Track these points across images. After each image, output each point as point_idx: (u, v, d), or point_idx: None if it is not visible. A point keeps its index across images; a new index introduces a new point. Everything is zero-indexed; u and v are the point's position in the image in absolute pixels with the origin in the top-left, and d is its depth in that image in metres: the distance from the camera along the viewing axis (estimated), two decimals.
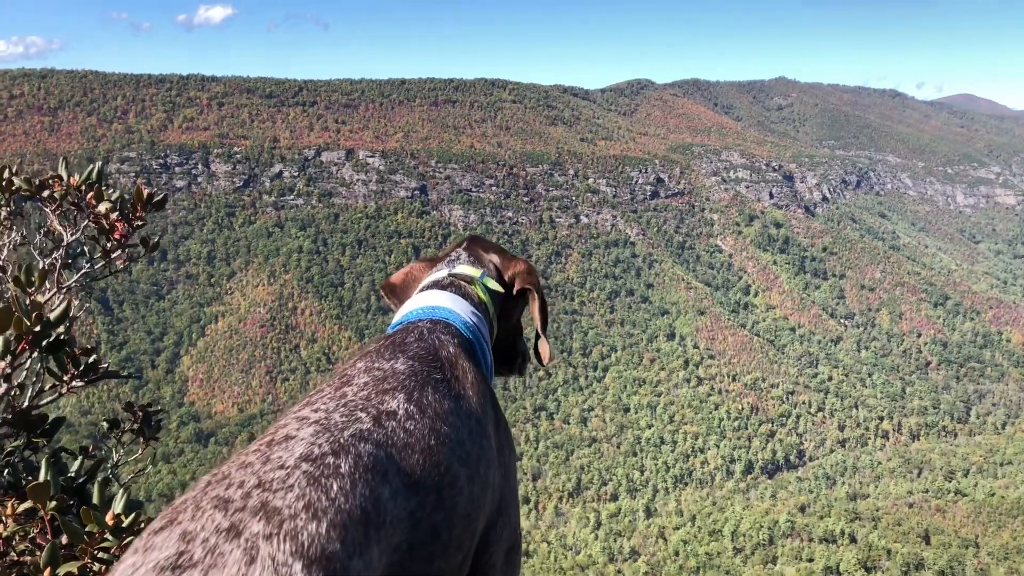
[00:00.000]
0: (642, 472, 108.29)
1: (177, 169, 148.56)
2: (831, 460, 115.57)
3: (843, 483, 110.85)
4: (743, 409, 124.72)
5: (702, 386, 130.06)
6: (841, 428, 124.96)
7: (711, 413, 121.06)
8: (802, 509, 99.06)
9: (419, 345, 1.61)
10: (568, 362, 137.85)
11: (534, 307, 2.01)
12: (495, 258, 2.09)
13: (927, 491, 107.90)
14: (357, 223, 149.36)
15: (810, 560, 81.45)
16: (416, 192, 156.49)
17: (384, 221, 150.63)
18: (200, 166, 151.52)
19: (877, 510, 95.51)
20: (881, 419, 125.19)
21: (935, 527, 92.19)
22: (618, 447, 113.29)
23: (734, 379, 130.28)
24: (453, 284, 1.94)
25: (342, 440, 1.19)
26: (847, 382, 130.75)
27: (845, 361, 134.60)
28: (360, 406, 1.33)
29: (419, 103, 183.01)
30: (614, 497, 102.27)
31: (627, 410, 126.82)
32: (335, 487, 1.08)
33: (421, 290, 1.94)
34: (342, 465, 1.13)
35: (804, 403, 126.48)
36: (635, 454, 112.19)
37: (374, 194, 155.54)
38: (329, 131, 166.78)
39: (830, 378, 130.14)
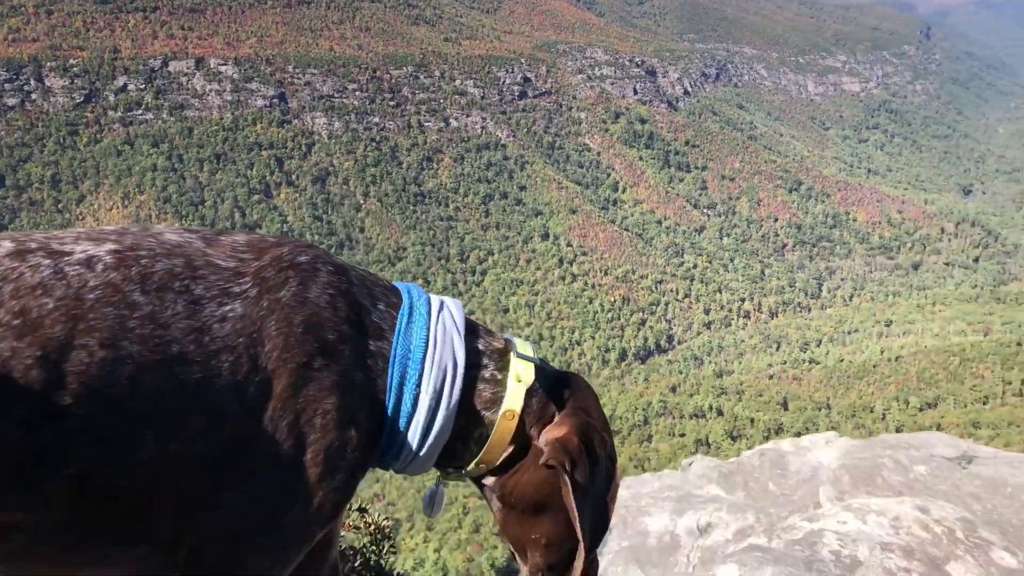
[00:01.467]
0: None
1: (7, 86, 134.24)
2: (698, 342, 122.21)
3: (710, 362, 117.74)
4: (615, 301, 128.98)
5: (576, 282, 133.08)
6: (707, 312, 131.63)
7: (586, 307, 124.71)
8: (673, 389, 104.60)
9: (270, 238, 1.29)
10: (446, 268, 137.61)
11: (566, 497, 1.33)
12: (553, 403, 1.42)
13: (785, 363, 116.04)
14: (214, 136, 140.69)
15: (682, 435, 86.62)
16: (275, 100, 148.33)
17: (242, 133, 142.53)
18: (33, 81, 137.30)
19: (741, 384, 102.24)
20: (743, 300, 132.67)
21: (792, 394, 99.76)
22: None
23: (606, 273, 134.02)
24: (490, 333, 1.51)
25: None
26: (711, 268, 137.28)
27: (709, 249, 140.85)
28: (60, 240, 1.16)
29: (271, 5, 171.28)
30: None
31: (506, 311, 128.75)
32: None
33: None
34: None
35: (672, 291, 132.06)
36: None
37: (229, 104, 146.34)
38: (175, 39, 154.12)
39: (695, 266, 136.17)
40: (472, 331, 1.44)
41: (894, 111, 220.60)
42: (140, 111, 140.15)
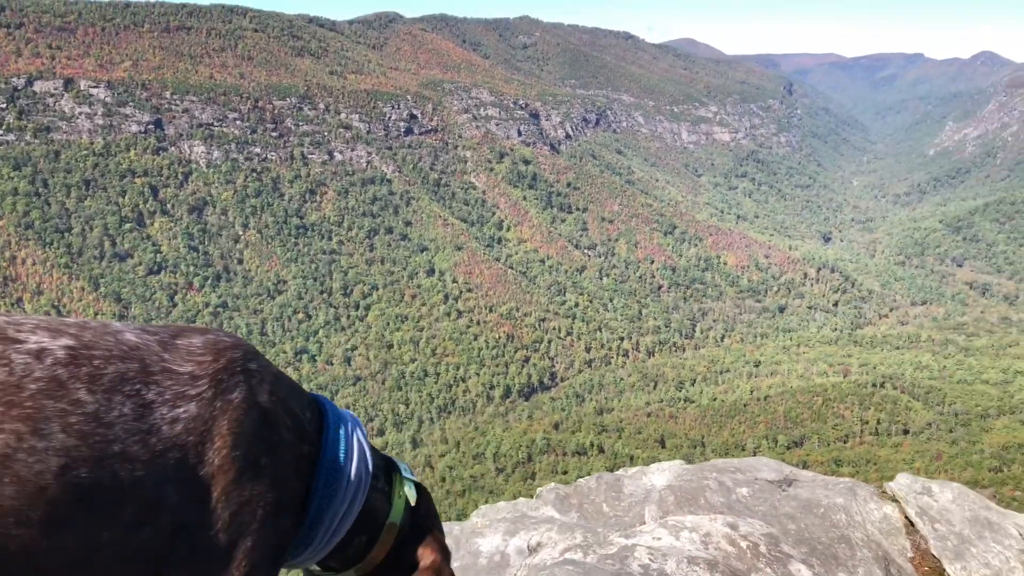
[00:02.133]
0: (407, 405, 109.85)
1: None
2: (580, 379, 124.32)
3: (591, 399, 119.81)
4: (500, 338, 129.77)
5: (462, 318, 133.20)
6: (588, 350, 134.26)
7: (471, 344, 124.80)
8: (556, 427, 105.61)
9: (227, 339, 1.37)
10: (329, 303, 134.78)
11: None
12: (428, 520, 1.64)
13: (662, 401, 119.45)
14: (83, 161, 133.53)
15: (564, 472, 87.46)
16: (151, 127, 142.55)
17: (115, 159, 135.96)
18: None
19: (621, 421, 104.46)
20: (622, 339, 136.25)
21: (669, 432, 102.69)
22: (383, 383, 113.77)
23: (491, 310, 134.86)
24: (380, 454, 1.63)
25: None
26: (592, 307, 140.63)
27: (589, 288, 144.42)
28: (17, 327, 1.18)
29: (148, 28, 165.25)
30: (380, 432, 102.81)
31: (390, 346, 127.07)
32: None
33: None
34: None
35: (555, 329, 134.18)
36: (399, 388, 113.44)
37: (101, 129, 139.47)
38: (42, 57, 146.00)
39: (576, 304, 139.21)
40: (370, 447, 1.56)
41: (761, 161, 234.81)
42: (0, 131, 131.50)
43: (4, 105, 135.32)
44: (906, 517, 5.20)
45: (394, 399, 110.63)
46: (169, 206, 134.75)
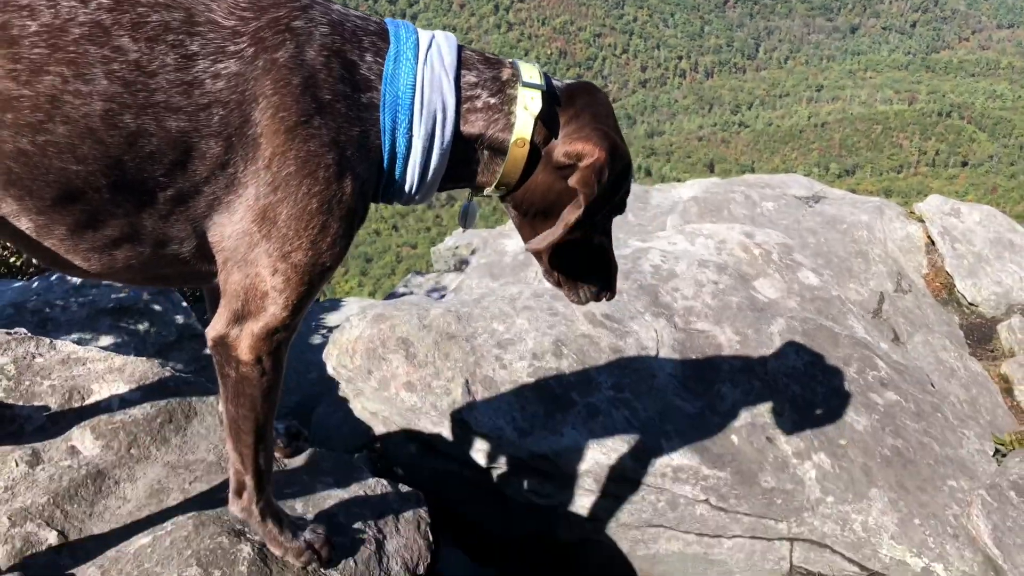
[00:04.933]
0: None
1: None
2: (633, 100, 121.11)
3: (643, 121, 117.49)
4: (552, 53, 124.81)
5: (512, 31, 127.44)
6: (643, 69, 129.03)
7: (521, 59, 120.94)
8: None
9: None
10: (374, 9, 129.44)
11: (568, 214, 1.42)
12: (582, 112, 1.46)
13: (715, 125, 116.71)
14: None
15: None
16: None
17: None
18: None
19: (671, 145, 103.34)
20: (680, 58, 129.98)
21: (719, 156, 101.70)
22: None
23: (544, 23, 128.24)
24: (494, 62, 1.48)
25: None
26: (651, 22, 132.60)
27: (651, 1, 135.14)
28: None
29: None
30: None
31: None
32: None
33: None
34: None
35: (610, 45, 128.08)
36: None
37: None
38: None
39: (635, 19, 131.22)
40: (468, 64, 1.44)
41: None
42: None
43: None
44: (929, 237, 5.27)
45: None
46: None
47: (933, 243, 5.24)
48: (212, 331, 1.38)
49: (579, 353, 2.88)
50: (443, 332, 2.85)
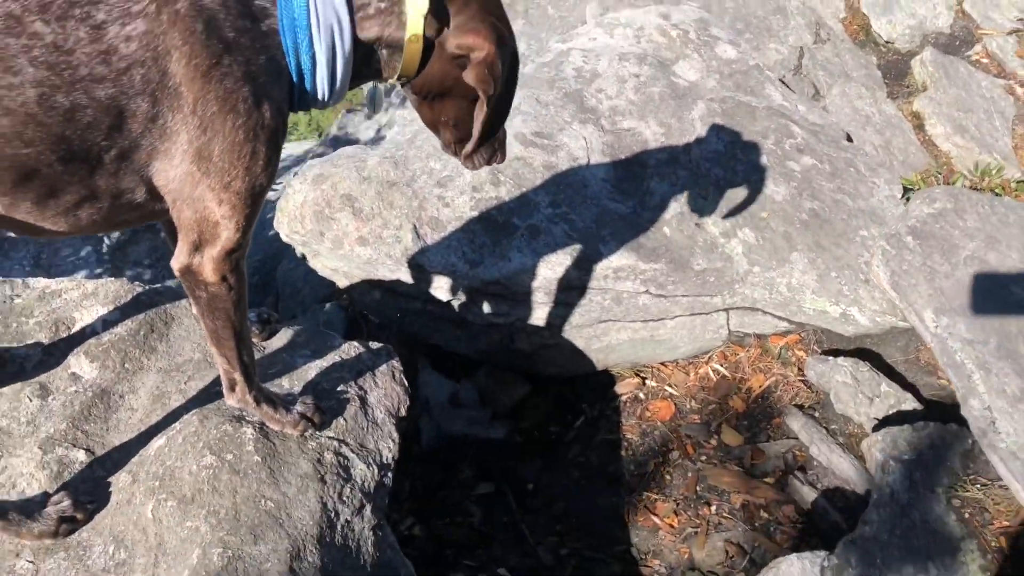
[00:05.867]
0: None
1: None
2: None
3: None
4: None
5: None
6: None
7: None
8: None
9: None
10: None
11: (478, 114, 1.62)
12: (467, 3, 1.57)
13: None
14: None
15: None
16: None
17: None
18: None
19: None
20: None
21: None
22: None
23: None
24: None
25: None
26: None
27: None
28: None
29: None
30: None
31: None
32: None
33: None
34: None
35: None
36: None
37: None
38: None
39: None
40: None
41: None
42: None
43: None
44: None
45: None
46: None
47: None
48: (176, 262, 1.53)
49: (515, 178, 3.04)
50: (384, 181, 2.99)
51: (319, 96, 1.57)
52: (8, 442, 1.72)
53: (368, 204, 2.91)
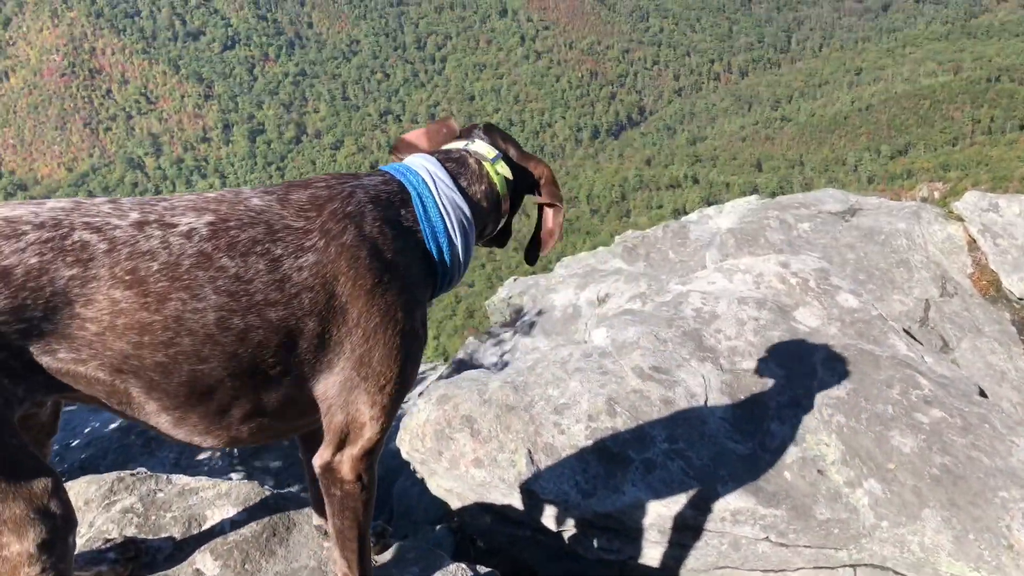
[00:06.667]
0: None
1: None
2: (670, 110, 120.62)
3: (683, 130, 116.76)
4: (583, 76, 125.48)
5: (541, 60, 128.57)
6: (676, 78, 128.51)
7: (553, 86, 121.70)
8: (648, 162, 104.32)
9: (322, 190, 1.64)
10: (404, 59, 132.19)
11: (555, 219, 2.01)
12: (512, 151, 2.00)
13: (757, 123, 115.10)
14: None
15: (660, 207, 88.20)
16: None
17: None
18: None
19: (715, 149, 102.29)
20: (712, 62, 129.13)
21: (765, 154, 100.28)
22: None
23: (571, 47, 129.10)
24: (460, 159, 1.90)
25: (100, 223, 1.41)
26: (678, 30, 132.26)
27: (674, 9, 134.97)
28: (172, 211, 1.49)
29: None
30: None
31: (472, 98, 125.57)
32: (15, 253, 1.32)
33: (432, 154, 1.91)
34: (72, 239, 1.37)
35: (640, 59, 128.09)
36: None
37: None
38: None
39: (661, 30, 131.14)
40: (455, 174, 1.88)
41: None
42: None
43: None
44: (970, 236, 5.32)
45: None
46: None
47: (975, 241, 5.28)
48: (319, 460, 1.66)
49: (632, 410, 3.09)
50: (503, 405, 3.10)
51: (459, 274, 1.85)
52: None
53: (486, 426, 3.00)
